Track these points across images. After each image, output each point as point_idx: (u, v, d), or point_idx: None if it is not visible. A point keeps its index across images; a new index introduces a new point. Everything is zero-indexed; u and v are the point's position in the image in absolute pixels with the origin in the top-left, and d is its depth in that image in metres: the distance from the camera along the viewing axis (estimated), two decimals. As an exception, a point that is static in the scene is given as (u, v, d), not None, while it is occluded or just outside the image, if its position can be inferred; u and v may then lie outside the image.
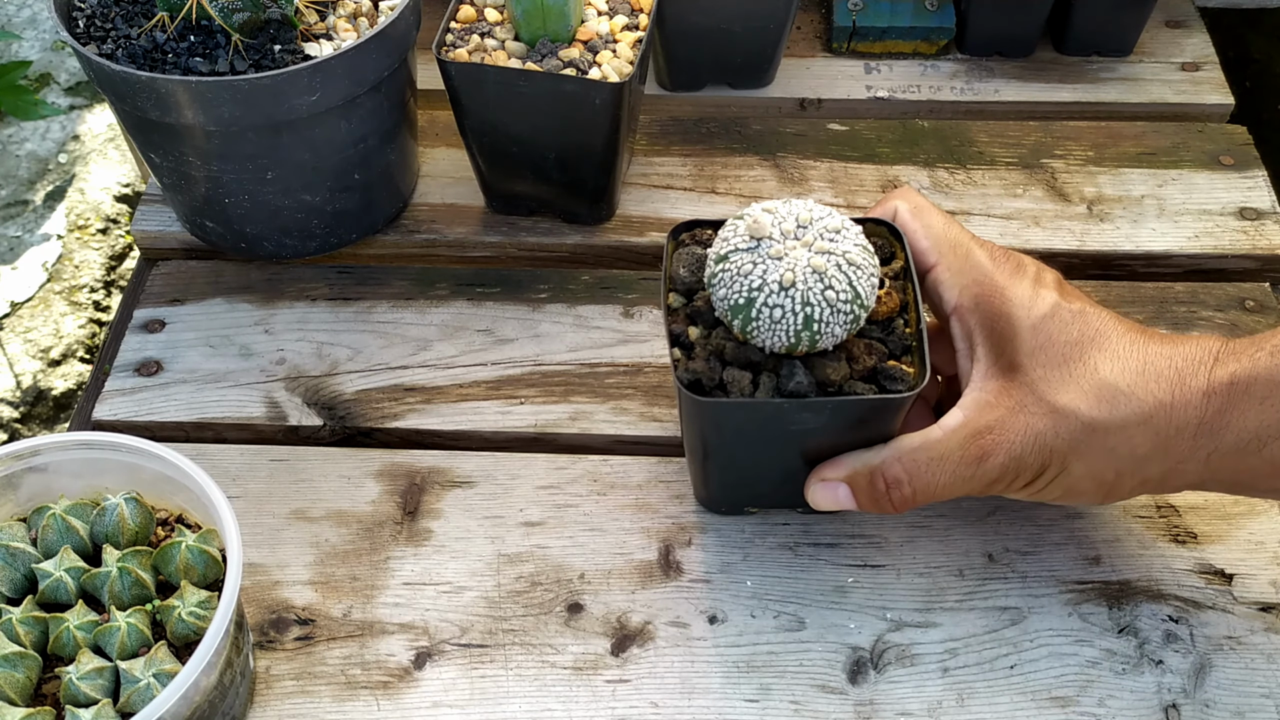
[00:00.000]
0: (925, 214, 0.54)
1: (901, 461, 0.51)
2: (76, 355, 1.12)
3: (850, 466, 0.53)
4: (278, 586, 0.60)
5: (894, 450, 0.52)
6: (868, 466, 0.52)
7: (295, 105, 0.62)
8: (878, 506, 0.53)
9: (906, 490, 0.51)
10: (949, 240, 0.53)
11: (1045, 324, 0.50)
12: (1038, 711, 0.55)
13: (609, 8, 0.70)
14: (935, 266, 0.53)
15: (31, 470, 0.54)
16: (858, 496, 0.53)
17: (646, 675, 0.56)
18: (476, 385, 0.68)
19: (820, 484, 0.54)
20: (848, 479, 0.53)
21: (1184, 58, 0.86)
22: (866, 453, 0.53)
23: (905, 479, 0.51)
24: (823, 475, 0.54)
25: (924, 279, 0.54)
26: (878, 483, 0.52)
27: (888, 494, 0.52)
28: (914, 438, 0.51)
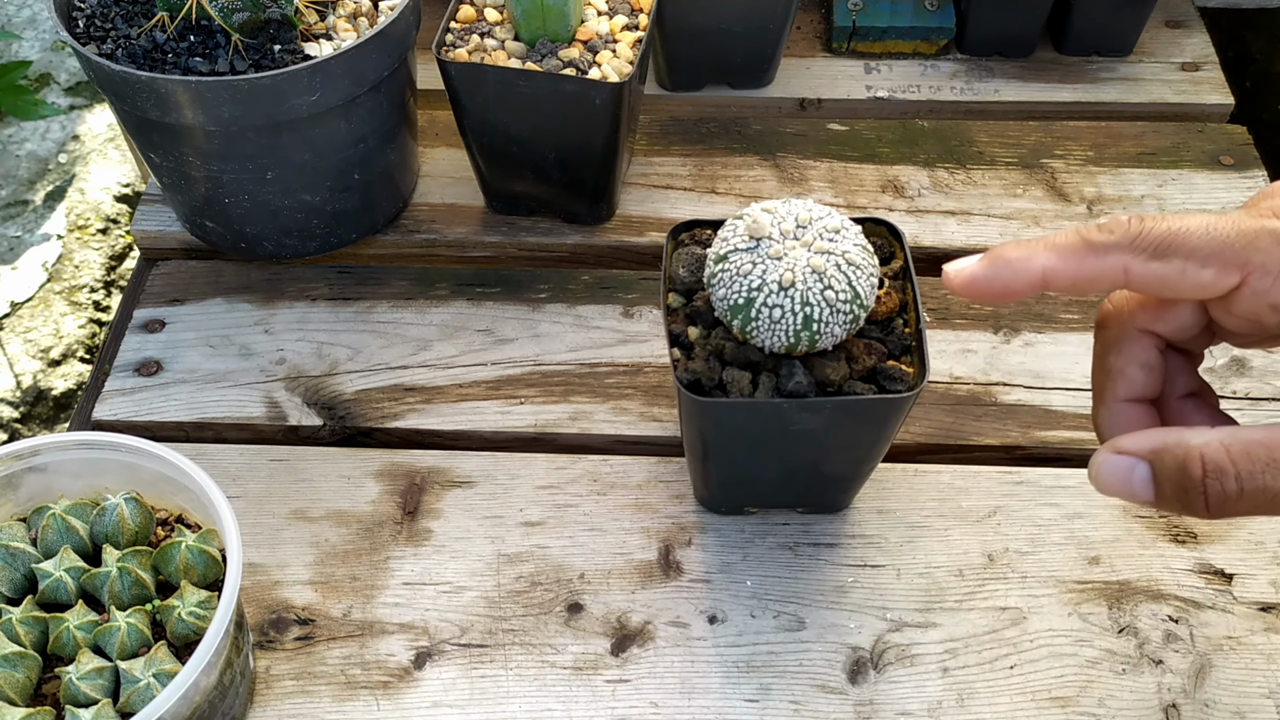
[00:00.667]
0: (1177, 220, 0.40)
1: (1231, 450, 0.39)
2: (76, 355, 1.12)
3: (1160, 440, 0.40)
4: (278, 586, 0.60)
5: (1223, 435, 0.39)
6: (1182, 445, 0.40)
7: (295, 105, 0.62)
8: (1183, 503, 0.40)
9: (1231, 486, 0.39)
10: (1237, 239, 0.40)
11: None
12: (1038, 711, 0.55)
13: (609, 8, 0.70)
14: (1245, 281, 0.40)
15: (31, 470, 0.54)
16: (1160, 483, 0.40)
17: (646, 675, 0.56)
18: (476, 385, 0.68)
19: (1112, 457, 0.41)
20: (1152, 455, 0.40)
21: (1184, 58, 0.86)
22: (1181, 429, 0.40)
23: (1231, 473, 0.39)
24: (1120, 446, 0.41)
25: (1222, 303, 0.41)
26: (1193, 468, 0.39)
27: (1203, 485, 0.39)
28: (1255, 430, 0.39)
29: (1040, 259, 0.41)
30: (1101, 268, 0.40)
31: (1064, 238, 0.41)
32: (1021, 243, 0.42)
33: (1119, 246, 0.40)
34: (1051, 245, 0.41)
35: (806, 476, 0.58)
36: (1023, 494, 0.63)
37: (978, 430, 0.65)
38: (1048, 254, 0.41)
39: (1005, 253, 0.42)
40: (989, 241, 0.74)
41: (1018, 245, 0.42)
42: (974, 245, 0.74)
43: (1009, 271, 0.41)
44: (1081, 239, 0.41)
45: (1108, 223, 0.40)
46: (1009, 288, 0.42)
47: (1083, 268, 0.41)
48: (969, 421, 0.66)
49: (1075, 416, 0.66)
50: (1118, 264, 0.40)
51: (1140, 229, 0.40)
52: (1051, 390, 0.67)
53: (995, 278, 0.42)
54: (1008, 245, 0.42)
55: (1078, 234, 0.41)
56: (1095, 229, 0.40)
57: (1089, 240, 0.40)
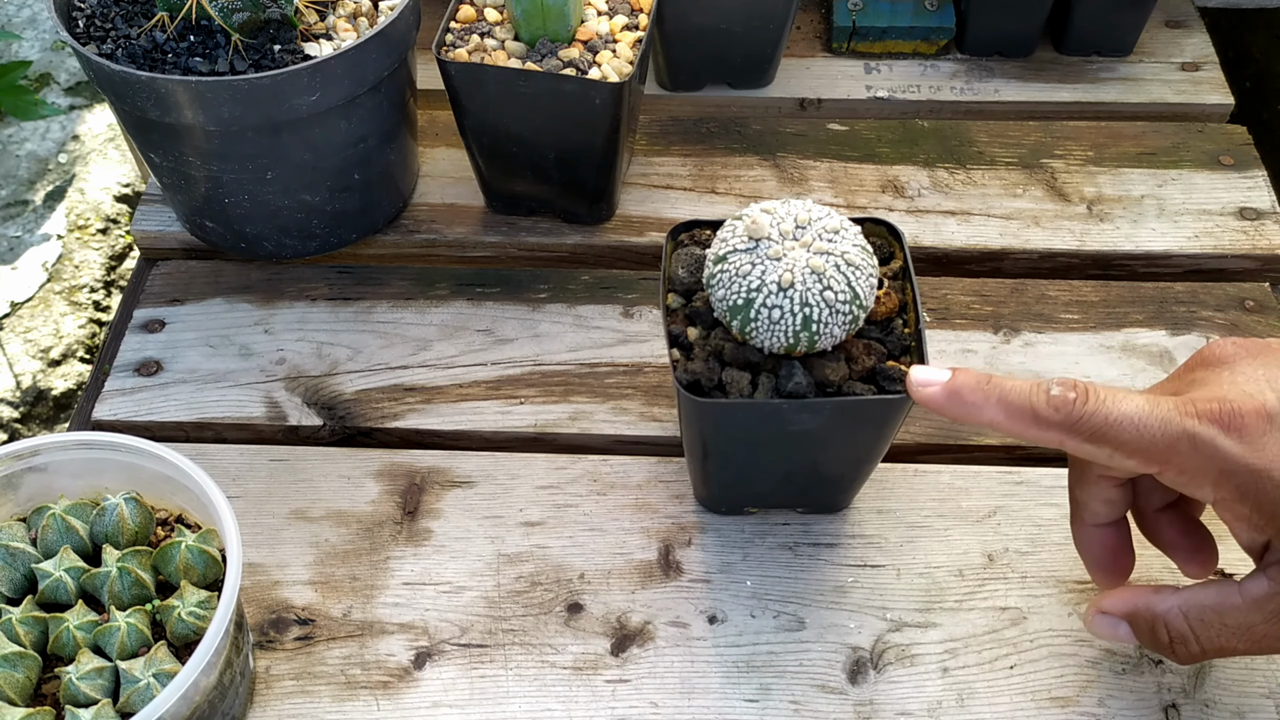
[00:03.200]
0: (1114, 408, 0.44)
1: (1189, 618, 0.47)
2: (76, 355, 1.12)
3: (1132, 604, 0.49)
4: (277, 586, 0.60)
5: (1182, 601, 0.48)
6: (1150, 611, 0.48)
7: (295, 105, 0.62)
8: (1160, 652, 0.50)
9: (1194, 649, 0.48)
10: (1161, 439, 0.44)
11: None
12: (1038, 711, 0.55)
13: (609, 8, 0.70)
14: (1164, 471, 0.45)
15: (31, 470, 0.54)
16: (1139, 637, 0.50)
17: (646, 675, 0.56)
18: (476, 385, 0.68)
19: (1099, 617, 0.51)
20: (1128, 617, 0.50)
21: (1184, 58, 0.86)
22: (1150, 593, 0.49)
23: (1191, 638, 0.48)
24: (1103, 607, 0.51)
25: (1144, 475, 0.48)
26: (1160, 633, 0.48)
27: (1171, 648, 0.48)
28: (1207, 593, 0.47)
29: (990, 412, 0.46)
30: (1041, 438, 0.45)
31: (1016, 397, 0.45)
32: (980, 386, 0.46)
33: (1059, 426, 0.45)
34: (1004, 402, 0.46)
35: (806, 477, 0.58)
36: (1023, 494, 0.63)
37: (978, 430, 0.65)
38: (998, 410, 0.46)
39: (964, 394, 0.46)
40: (989, 242, 0.74)
41: (975, 388, 0.46)
42: (974, 245, 0.74)
43: (961, 410, 0.47)
44: (1030, 408, 0.45)
45: (1057, 398, 0.44)
46: (958, 421, 0.48)
47: (1025, 433, 0.46)
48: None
49: (1075, 416, 0.66)
50: (1056, 438, 0.45)
51: (1081, 415, 0.44)
52: (1051, 390, 0.67)
53: (949, 411, 0.47)
54: (969, 383, 0.47)
55: (1029, 401, 0.45)
56: (1045, 401, 0.45)
57: (1036, 412, 0.45)
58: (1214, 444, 0.44)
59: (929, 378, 0.48)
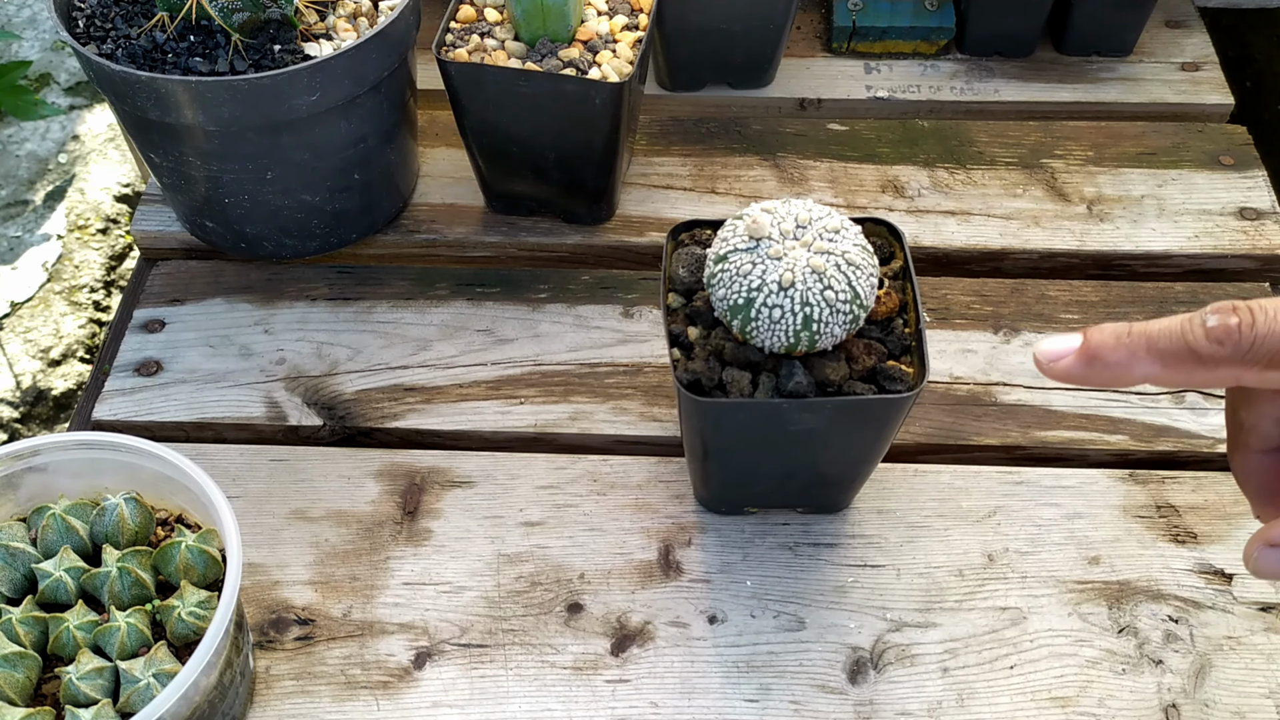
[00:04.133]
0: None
1: None
2: (76, 355, 1.12)
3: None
4: (278, 586, 0.60)
5: None
6: None
7: (295, 105, 0.62)
8: None
9: None
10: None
11: None
12: (1038, 711, 0.55)
13: (609, 8, 0.70)
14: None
15: (31, 470, 0.54)
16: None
17: (646, 675, 0.56)
18: (476, 385, 0.68)
19: (1268, 549, 0.42)
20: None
21: (1184, 58, 0.86)
22: None
23: None
24: (1272, 538, 0.42)
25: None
26: None
27: None
28: None
29: (1142, 367, 0.39)
30: (1211, 378, 0.39)
31: (1168, 341, 0.39)
32: (1122, 340, 0.40)
33: (1230, 360, 0.38)
34: (1155, 350, 0.39)
35: (806, 476, 0.58)
36: (1023, 494, 0.63)
37: (978, 430, 0.65)
38: (1150, 361, 0.39)
39: (1105, 354, 0.40)
40: (989, 242, 0.74)
41: (1117, 344, 0.40)
42: (974, 245, 0.74)
43: (1108, 375, 0.40)
44: (1189, 347, 0.39)
45: (1216, 328, 0.38)
46: (1107, 386, 0.41)
47: (1191, 378, 0.39)
48: (969, 421, 0.66)
49: (1075, 416, 0.66)
50: (1229, 375, 0.39)
51: (1253, 340, 0.38)
52: (1051, 390, 0.67)
53: (1093, 378, 0.40)
54: (1107, 341, 0.40)
55: (1184, 340, 0.39)
56: (1204, 336, 0.38)
57: (1196, 351, 0.38)
58: None
59: (1058, 349, 0.41)
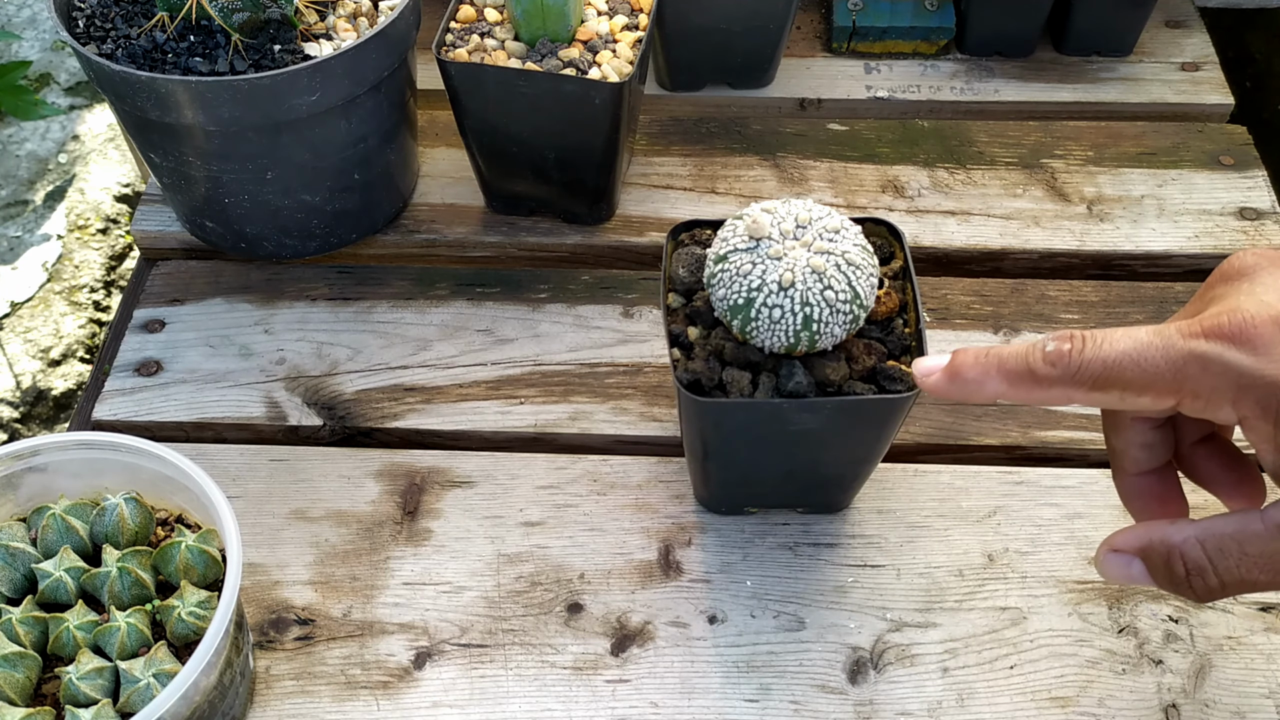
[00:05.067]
0: (1110, 349, 0.43)
1: (1206, 545, 0.43)
2: (76, 355, 1.12)
3: (1146, 539, 0.45)
4: (278, 586, 0.60)
5: (1200, 530, 0.44)
6: (1165, 544, 0.44)
7: (295, 105, 0.62)
8: (1177, 591, 0.45)
9: (1212, 581, 0.43)
10: (1167, 368, 0.42)
11: None
12: (1038, 711, 0.55)
13: (609, 8, 0.70)
14: (1180, 403, 0.43)
15: (31, 470, 0.54)
16: (1154, 575, 0.45)
17: (646, 675, 0.56)
18: (476, 385, 0.68)
19: (1110, 555, 0.46)
20: (1141, 553, 0.45)
21: (1184, 58, 0.86)
22: (1165, 525, 0.45)
23: (1209, 569, 0.43)
24: (1115, 544, 0.46)
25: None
26: (1175, 566, 0.44)
27: (1188, 580, 0.44)
28: (1227, 521, 0.43)
29: (992, 385, 0.44)
30: (1048, 397, 0.44)
31: (1014, 363, 0.44)
32: (979, 360, 0.45)
33: (1061, 380, 0.43)
34: (1003, 370, 0.44)
35: (806, 476, 0.58)
36: (1023, 494, 0.63)
37: (978, 430, 0.65)
38: (999, 380, 0.44)
39: (964, 371, 0.45)
40: (989, 242, 0.74)
41: (975, 363, 0.45)
42: (974, 245, 0.74)
43: (966, 390, 0.45)
44: (1029, 369, 0.43)
45: (1052, 354, 0.43)
46: (966, 401, 0.47)
47: (1031, 396, 0.44)
48: (969, 421, 0.66)
49: (1075, 416, 0.66)
50: (1062, 394, 0.43)
51: (1079, 364, 0.42)
52: (1051, 390, 0.67)
53: (954, 393, 0.46)
54: (966, 360, 0.45)
55: (1026, 363, 0.44)
56: (1041, 359, 0.43)
57: (1034, 372, 0.43)
58: (1223, 360, 0.40)
59: (931, 365, 0.46)
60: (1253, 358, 0.40)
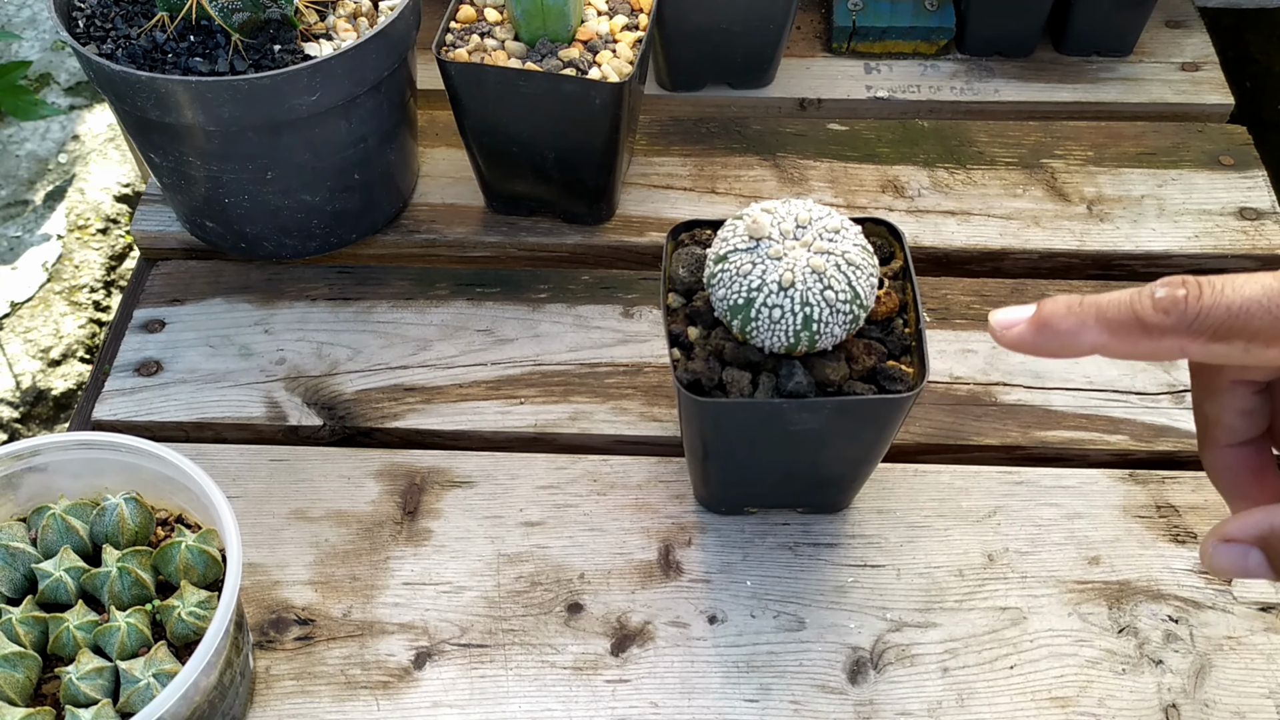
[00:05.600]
0: (1235, 294, 0.39)
1: None
2: (76, 355, 1.12)
3: (1265, 524, 0.40)
4: (278, 586, 0.60)
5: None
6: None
7: (295, 105, 0.62)
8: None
9: None
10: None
11: None
12: (1038, 711, 0.55)
13: (609, 8, 0.70)
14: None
15: (31, 470, 0.54)
16: (1274, 564, 0.40)
17: (646, 675, 0.56)
18: (476, 385, 0.68)
19: (1222, 546, 0.41)
20: (1260, 541, 0.40)
21: (1184, 58, 0.86)
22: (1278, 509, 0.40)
23: None
24: (1226, 533, 0.41)
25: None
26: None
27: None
28: None
29: (1090, 335, 0.40)
30: (1157, 349, 0.39)
31: (1116, 310, 0.40)
32: (1073, 309, 0.40)
33: (1175, 330, 0.38)
34: (1104, 319, 0.40)
35: (806, 476, 0.58)
36: (1023, 494, 0.63)
37: (978, 430, 0.65)
38: (1099, 330, 0.40)
39: (1055, 322, 0.40)
40: (989, 242, 0.74)
41: (1068, 312, 0.40)
42: (974, 245, 0.74)
43: (1058, 343, 0.41)
44: (1135, 317, 0.39)
45: (1163, 299, 0.38)
46: (1056, 355, 0.41)
47: (1136, 348, 0.40)
48: (969, 421, 0.66)
49: (1075, 416, 0.66)
50: (1174, 346, 0.39)
51: (1198, 311, 0.38)
52: (1051, 390, 0.67)
53: (1043, 346, 0.41)
54: (1058, 309, 0.41)
55: (1132, 310, 0.39)
56: (1150, 306, 0.39)
57: (1143, 320, 0.39)
58: None
59: (1012, 317, 0.42)
60: None
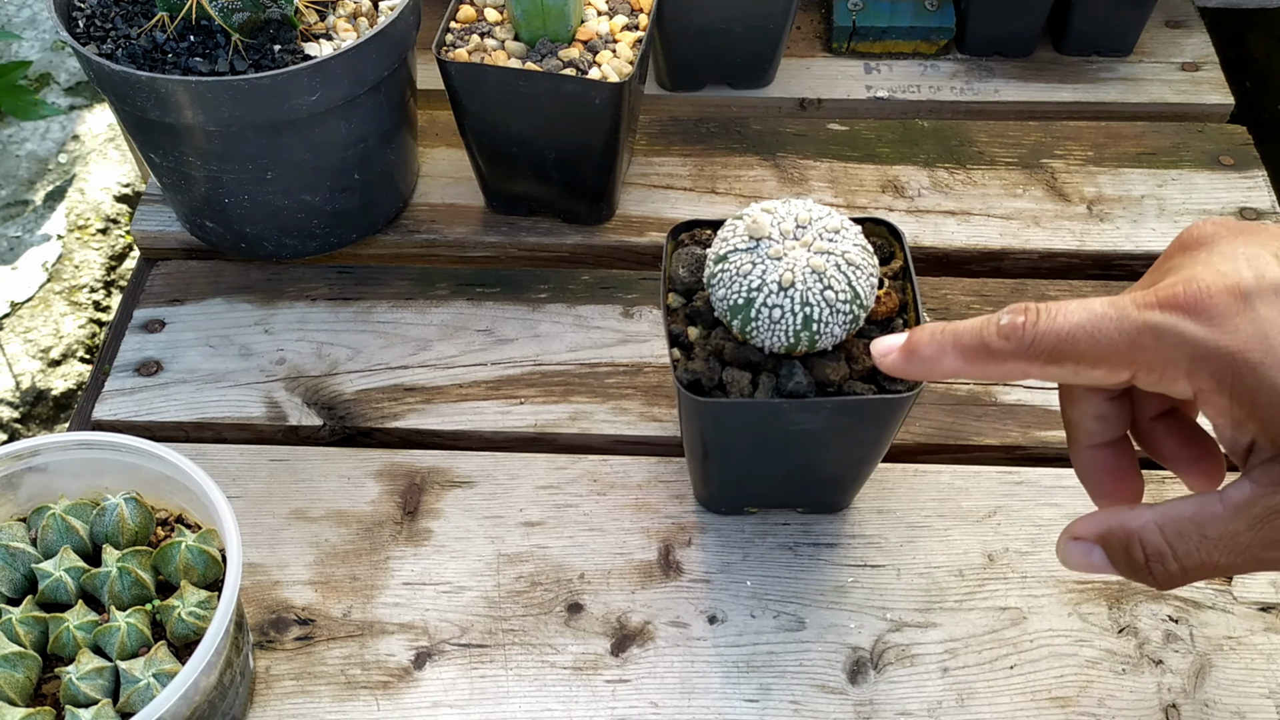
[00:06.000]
0: (1063, 321, 0.42)
1: (1165, 531, 0.43)
2: (76, 355, 1.12)
3: (1105, 525, 0.45)
4: (278, 586, 0.60)
5: (1159, 515, 0.43)
6: (1124, 529, 0.44)
7: (295, 105, 0.62)
8: (1137, 577, 0.44)
9: (1172, 566, 0.43)
10: (1120, 340, 0.41)
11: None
12: (1038, 711, 0.55)
13: (609, 8, 0.70)
14: (1134, 376, 0.42)
15: (31, 470, 0.54)
16: (1114, 562, 0.45)
17: (646, 675, 0.56)
18: (476, 385, 0.68)
19: (1071, 543, 0.46)
20: (1101, 539, 0.45)
21: (1184, 58, 0.86)
22: (1124, 511, 0.44)
23: (1169, 554, 0.43)
24: (1075, 532, 0.46)
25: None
26: (1135, 551, 0.44)
27: (1147, 566, 0.43)
28: (1186, 505, 0.43)
29: (948, 360, 0.44)
30: (1003, 371, 0.43)
31: (969, 337, 0.44)
32: (934, 336, 0.45)
33: (1015, 355, 0.43)
34: (959, 345, 0.44)
35: (806, 476, 0.58)
36: (1023, 494, 0.63)
37: (978, 430, 0.65)
38: (954, 356, 0.44)
39: (920, 349, 0.45)
40: (989, 242, 0.74)
41: (930, 339, 0.45)
42: (974, 245, 0.74)
43: (924, 368, 0.45)
44: (983, 343, 0.43)
45: (1005, 326, 0.42)
46: (924, 379, 0.46)
47: (986, 371, 0.44)
48: (969, 421, 0.66)
49: (1075, 416, 0.66)
50: (1017, 368, 0.43)
51: (1034, 336, 0.42)
52: (1051, 390, 0.67)
53: (912, 371, 0.46)
54: (923, 337, 0.45)
55: (980, 337, 0.44)
56: (995, 332, 0.43)
57: (989, 346, 0.43)
58: (1177, 330, 0.40)
59: (889, 345, 0.46)
60: (1207, 329, 0.39)
